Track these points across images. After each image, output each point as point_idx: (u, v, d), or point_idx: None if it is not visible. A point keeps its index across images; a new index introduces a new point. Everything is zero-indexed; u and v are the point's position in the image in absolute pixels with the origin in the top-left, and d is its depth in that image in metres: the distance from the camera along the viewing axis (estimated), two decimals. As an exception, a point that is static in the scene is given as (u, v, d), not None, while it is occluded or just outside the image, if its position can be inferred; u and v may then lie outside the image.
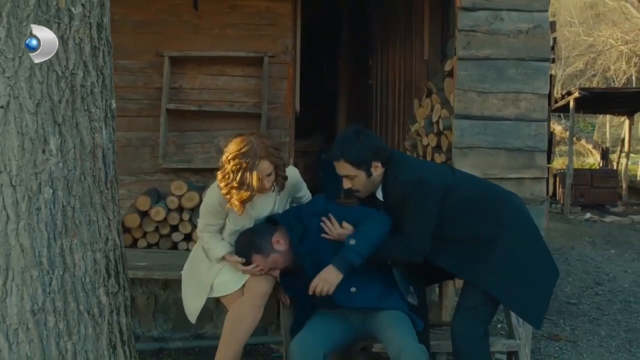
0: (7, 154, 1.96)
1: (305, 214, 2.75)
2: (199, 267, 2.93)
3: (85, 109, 2.09)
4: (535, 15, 3.68)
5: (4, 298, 1.97)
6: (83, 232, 2.07)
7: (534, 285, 2.69)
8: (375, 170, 2.65)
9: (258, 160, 2.57)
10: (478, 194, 2.70)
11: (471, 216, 2.63)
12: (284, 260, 2.69)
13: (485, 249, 2.62)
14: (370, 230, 2.61)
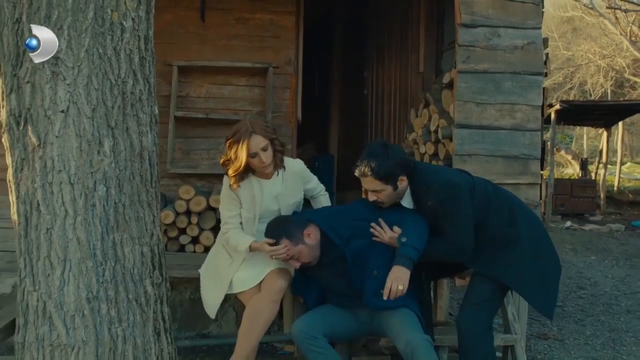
0: (66, 155, 2.14)
1: (348, 218, 2.92)
2: (219, 263, 3.12)
3: (134, 114, 2.28)
4: (529, 33, 3.94)
5: (62, 287, 2.14)
6: (132, 227, 2.25)
7: (546, 278, 2.93)
8: (400, 183, 2.83)
9: (249, 135, 2.81)
10: (492, 191, 2.94)
11: (491, 215, 2.85)
12: (309, 255, 2.86)
13: (502, 244, 2.85)
14: (414, 227, 2.80)
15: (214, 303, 3.08)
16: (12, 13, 2.19)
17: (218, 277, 3.11)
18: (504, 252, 2.86)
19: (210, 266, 3.20)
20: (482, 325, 2.95)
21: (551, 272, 3.04)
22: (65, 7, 2.15)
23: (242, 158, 2.79)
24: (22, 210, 2.20)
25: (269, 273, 3.01)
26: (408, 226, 2.81)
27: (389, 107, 5.86)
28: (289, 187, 3.07)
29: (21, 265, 2.21)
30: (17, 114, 2.18)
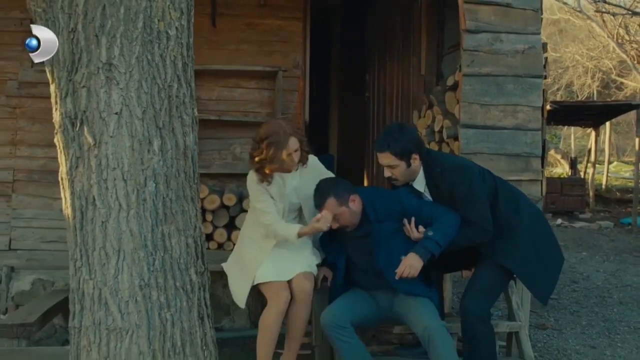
0: (120, 153, 2.33)
1: (389, 200, 3.14)
2: (246, 253, 3.30)
3: (179, 116, 2.47)
4: (529, 38, 4.17)
5: (117, 275, 2.32)
6: (178, 220, 2.44)
7: (547, 267, 3.15)
8: (414, 161, 3.09)
9: (288, 137, 3.05)
10: (500, 181, 3.19)
11: (500, 201, 3.08)
12: (348, 219, 3.08)
13: (508, 231, 3.08)
14: (447, 223, 3.02)
15: (242, 293, 3.27)
16: (67, 23, 2.37)
17: (244, 267, 3.30)
18: (508, 237, 3.09)
19: (236, 257, 3.39)
20: (486, 311, 3.18)
21: (552, 262, 3.27)
22: (117, 18, 2.33)
23: (282, 158, 3.00)
24: (77, 205, 2.38)
25: (298, 276, 3.23)
26: (440, 222, 3.03)
27: (390, 108, 6.07)
28: (305, 180, 3.27)
29: (76, 256, 2.39)
30: (72, 116, 2.36)
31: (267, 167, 3.07)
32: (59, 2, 2.40)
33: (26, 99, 5.09)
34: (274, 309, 3.18)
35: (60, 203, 4.99)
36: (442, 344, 2.97)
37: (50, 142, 4.98)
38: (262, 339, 3.23)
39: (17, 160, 5.08)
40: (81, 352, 2.37)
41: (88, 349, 2.34)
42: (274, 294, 3.16)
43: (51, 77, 2.50)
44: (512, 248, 3.08)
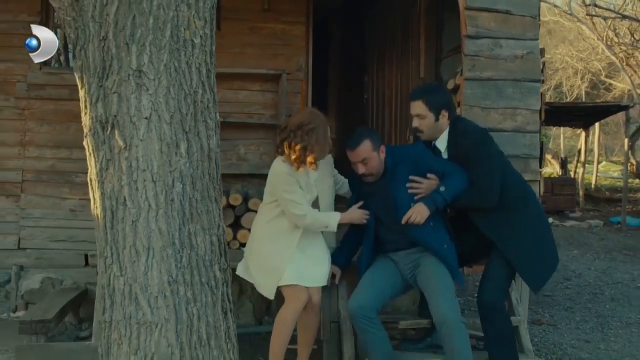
0: (149, 156, 2.45)
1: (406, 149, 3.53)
2: (270, 249, 3.35)
3: (204, 120, 2.60)
4: (528, 43, 4.32)
5: (147, 271, 2.45)
6: (203, 220, 2.56)
7: (542, 260, 3.33)
8: (442, 117, 3.35)
9: (326, 124, 3.27)
10: (516, 172, 3.44)
11: (509, 178, 3.34)
12: (376, 167, 3.34)
13: (511, 213, 3.28)
14: (457, 182, 3.26)
15: (272, 285, 3.33)
16: (97, 31, 2.49)
17: (272, 260, 3.34)
18: (510, 221, 3.29)
19: (258, 252, 3.40)
20: (502, 303, 3.36)
21: (548, 259, 3.44)
22: (147, 27, 2.46)
23: (323, 144, 3.21)
24: (107, 205, 2.49)
25: (316, 288, 3.43)
26: (451, 179, 3.27)
27: (389, 110, 6.21)
28: (321, 173, 3.43)
29: (107, 254, 2.51)
30: (103, 120, 2.48)
31: (309, 155, 3.17)
32: (90, 11, 2.51)
33: (35, 101, 5.19)
34: (293, 308, 3.31)
35: (68, 203, 5.15)
36: (458, 340, 3.17)
37: (58, 143, 5.16)
38: (279, 335, 3.35)
39: (26, 161, 5.17)
40: (112, 345, 2.49)
41: (119, 342, 2.46)
42: (294, 294, 3.31)
43: (80, 83, 2.61)
44: (512, 234, 3.27)
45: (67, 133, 5.19)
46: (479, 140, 3.32)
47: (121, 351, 2.46)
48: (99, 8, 2.49)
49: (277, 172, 3.29)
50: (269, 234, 3.37)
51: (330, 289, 3.94)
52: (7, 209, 5.14)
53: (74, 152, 5.19)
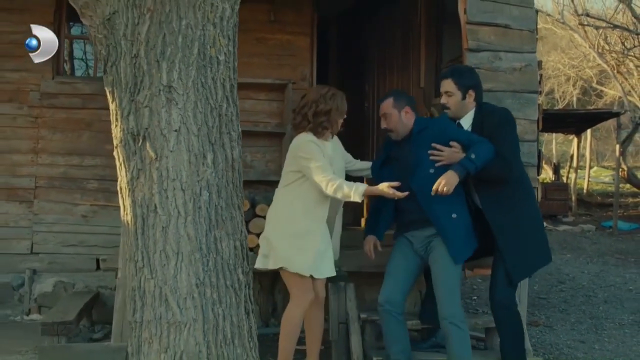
0: (178, 166, 2.62)
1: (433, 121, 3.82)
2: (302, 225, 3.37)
3: (228, 132, 2.77)
4: (526, 56, 4.52)
5: (176, 274, 2.61)
6: (228, 226, 2.73)
7: (532, 255, 3.55)
8: (469, 97, 3.58)
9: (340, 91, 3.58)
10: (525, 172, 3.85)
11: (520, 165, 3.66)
12: (396, 125, 3.58)
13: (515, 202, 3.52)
14: (485, 150, 3.41)
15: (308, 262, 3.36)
16: (129, 49, 2.66)
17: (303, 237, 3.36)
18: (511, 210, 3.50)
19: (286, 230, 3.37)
20: (513, 301, 3.58)
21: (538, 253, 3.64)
22: (176, 45, 2.63)
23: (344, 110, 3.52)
24: (138, 212, 2.66)
25: (321, 281, 3.54)
26: (480, 147, 3.41)
27: (390, 118, 6.38)
28: (336, 151, 3.63)
29: (137, 258, 2.67)
30: (134, 132, 2.65)
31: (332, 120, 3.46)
32: (121, 30, 2.68)
33: (47, 109, 5.34)
34: (300, 307, 3.41)
35: (79, 208, 5.30)
36: (457, 340, 3.38)
37: (70, 151, 5.32)
38: (288, 336, 3.43)
39: (39, 168, 5.32)
40: (142, 344, 2.65)
41: (150, 341, 2.62)
42: (302, 293, 3.38)
43: (111, 97, 2.78)
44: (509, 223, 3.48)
45: (78, 141, 5.35)
46: (505, 119, 3.56)
47: (152, 349, 2.62)
48: (131, 27, 2.66)
49: (302, 141, 3.41)
50: (300, 210, 3.37)
51: (338, 291, 4.12)
52: (21, 214, 5.28)
53: (85, 159, 5.35)
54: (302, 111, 3.50)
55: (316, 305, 3.57)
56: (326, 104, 3.46)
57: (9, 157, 5.30)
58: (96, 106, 5.35)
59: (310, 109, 3.45)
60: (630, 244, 10.41)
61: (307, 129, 3.45)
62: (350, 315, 4.06)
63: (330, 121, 3.47)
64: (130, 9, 2.67)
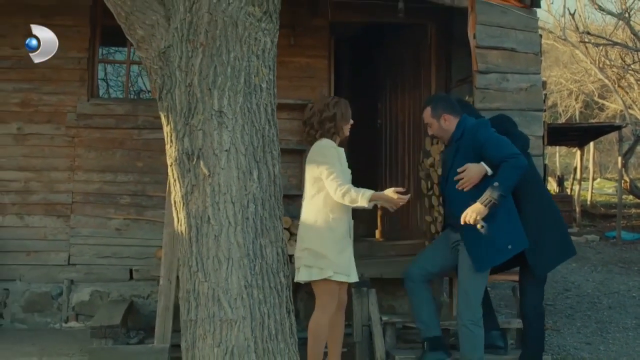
0: (229, 182, 2.97)
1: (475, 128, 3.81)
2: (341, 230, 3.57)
3: (270, 151, 3.12)
4: (531, 77, 4.88)
5: (227, 277, 2.95)
6: (271, 234, 3.07)
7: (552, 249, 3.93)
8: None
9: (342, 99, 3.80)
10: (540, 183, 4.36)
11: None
12: (436, 131, 3.88)
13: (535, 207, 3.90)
14: (508, 173, 3.52)
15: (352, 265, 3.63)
16: (184, 78, 3.02)
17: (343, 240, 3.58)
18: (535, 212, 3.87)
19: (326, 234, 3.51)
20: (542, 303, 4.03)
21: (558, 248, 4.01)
22: (225, 75, 2.99)
23: (349, 117, 3.73)
24: (193, 222, 3.00)
25: (345, 285, 3.71)
26: (503, 172, 3.52)
27: (402, 134, 6.74)
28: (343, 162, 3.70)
29: (191, 263, 3.01)
30: (189, 152, 3.00)
31: (344, 129, 3.70)
32: (176, 62, 3.05)
33: (83, 129, 5.69)
34: (328, 314, 3.59)
35: (113, 222, 5.66)
36: (466, 343, 3.71)
37: (104, 168, 5.69)
38: (317, 342, 3.57)
39: (75, 184, 5.66)
40: (197, 340, 2.98)
41: (204, 337, 2.95)
42: (331, 299, 3.56)
43: (166, 121, 3.13)
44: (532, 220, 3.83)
45: (112, 159, 5.69)
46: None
47: (206, 344, 2.95)
48: (185, 59, 3.03)
49: (323, 145, 3.60)
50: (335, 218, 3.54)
51: (361, 296, 4.46)
52: (59, 228, 5.62)
53: (118, 175, 5.70)
54: (310, 121, 3.72)
55: (339, 310, 3.74)
56: (330, 111, 3.66)
57: (47, 175, 5.64)
58: (128, 126, 5.74)
59: (316, 117, 3.67)
60: (634, 253, 10.70)
61: (317, 137, 3.65)
62: (372, 318, 4.40)
63: (336, 127, 3.65)
64: (184, 44, 3.03)
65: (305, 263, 3.49)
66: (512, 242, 3.66)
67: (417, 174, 5.80)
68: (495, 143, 3.65)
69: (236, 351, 2.92)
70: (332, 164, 3.51)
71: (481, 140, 3.67)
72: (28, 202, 5.61)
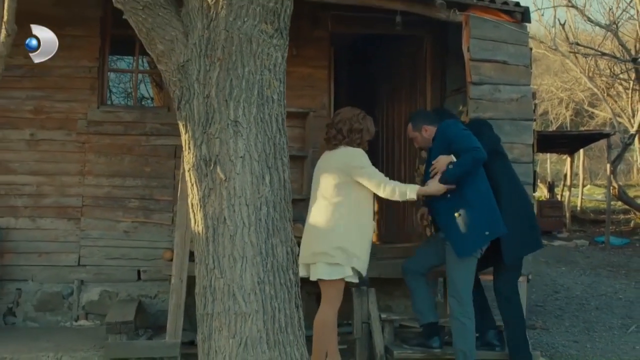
0: (243, 186, 3.22)
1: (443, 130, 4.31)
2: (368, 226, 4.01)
3: (280, 158, 3.37)
4: (522, 88, 5.17)
5: (241, 274, 3.19)
6: (281, 234, 3.32)
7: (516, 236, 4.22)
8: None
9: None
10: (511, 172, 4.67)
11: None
12: (420, 143, 4.43)
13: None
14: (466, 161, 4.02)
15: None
16: (202, 90, 3.27)
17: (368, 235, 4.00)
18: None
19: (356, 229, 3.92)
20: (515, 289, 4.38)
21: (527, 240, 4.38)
22: (240, 87, 3.25)
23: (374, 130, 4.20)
24: (209, 223, 3.24)
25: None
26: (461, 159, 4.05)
27: (399, 142, 7.01)
28: None
29: (209, 261, 3.25)
30: (207, 159, 3.25)
31: (363, 139, 4.07)
32: (194, 75, 3.30)
33: (93, 136, 5.92)
34: (335, 309, 3.92)
35: (121, 225, 5.91)
36: (457, 335, 4.07)
37: (113, 173, 5.95)
38: (324, 337, 3.89)
39: (86, 188, 5.88)
40: (213, 332, 3.21)
41: (219, 329, 3.19)
42: (339, 296, 3.92)
43: (184, 129, 3.38)
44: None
45: (121, 164, 5.92)
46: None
47: (221, 336, 3.19)
48: (203, 73, 3.28)
49: (356, 153, 3.99)
50: (363, 217, 3.96)
51: (361, 295, 4.71)
52: (69, 230, 5.84)
53: (127, 180, 5.93)
54: (337, 126, 4.06)
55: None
56: (360, 124, 4.05)
57: (59, 179, 5.86)
58: (136, 133, 5.97)
59: (345, 125, 4.02)
60: (621, 257, 11.02)
61: (342, 143, 4.01)
62: (372, 315, 4.65)
63: (362, 139, 4.06)
64: (202, 58, 3.29)
65: (339, 261, 3.82)
66: (489, 228, 4.04)
67: (413, 180, 6.07)
68: (460, 138, 4.12)
69: (249, 342, 3.16)
70: (370, 166, 3.96)
71: (450, 137, 4.14)
72: (40, 205, 5.82)
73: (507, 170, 4.48)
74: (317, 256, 3.88)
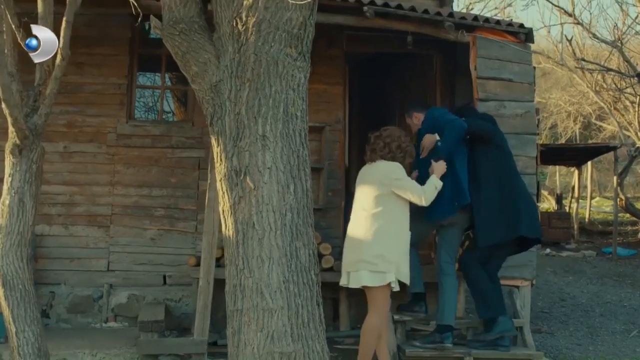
0: (270, 194, 3.56)
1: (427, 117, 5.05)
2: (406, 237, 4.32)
3: (303, 169, 3.71)
4: (526, 104, 5.51)
5: (269, 274, 3.52)
6: (304, 238, 3.65)
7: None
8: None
9: None
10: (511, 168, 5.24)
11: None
12: (414, 129, 5.11)
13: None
14: (449, 133, 4.71)
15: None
16: (233, 108, 3.63)
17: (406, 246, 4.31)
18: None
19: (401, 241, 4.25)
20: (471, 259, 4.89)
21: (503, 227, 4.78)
22: (268, 105, 3.60)
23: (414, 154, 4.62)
24: (239, 228, 3.58)
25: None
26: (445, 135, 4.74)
27: (410, 154, 7.35)
28: None
29: (238, 262, 3.58)
30: (237, 169, 3.59)
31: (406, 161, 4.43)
32: (226, 94, 3.66)
33: (122, 148, 6.31)
34: (383, 315, 4.23)
35: (148, 232, 6.28)
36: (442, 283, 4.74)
37: (141, 183, 6.34)
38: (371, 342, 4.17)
39: (115, 198, 6.27)
40: (242, 326, 3.54)
41: (248, 323, 3.52)
42: (387, 303, 4.24)
43: (216, 143, 3.73)
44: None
45: (148, 175, 6.31)
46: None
47: (250, 329, 3.52)
48: (234, 92, 3.64)
49: (395, 167, 4.33)
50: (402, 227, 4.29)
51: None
52: (99, 237, 6.21)
53: (153, 190, 6.31)
54: (386, 140, 4.40)
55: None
56: (407, 145, 4.43)
57: (89, 189, 6.25)
58: (163, 145, 6.36)
59: (394, 142, 4.38)
60: (628, 267, 11.26)
61: (387, 158, 4.35)
62: (385, 317, 4.95)
63: (404, 159, 4.39)
64: (233, 79, 3.65)
65: (380, 269, 4.13)
66: (457, 200, 4.67)
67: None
68: (441, 116, 4.89)
69: (275, 335, 3.49)
70: (408, 179, 4.36)
71: (436, 117, 4.89)
72: (72, 213, 6.21)
73: (506, 159, 4.93)
74: (359, 264, 4.17)
